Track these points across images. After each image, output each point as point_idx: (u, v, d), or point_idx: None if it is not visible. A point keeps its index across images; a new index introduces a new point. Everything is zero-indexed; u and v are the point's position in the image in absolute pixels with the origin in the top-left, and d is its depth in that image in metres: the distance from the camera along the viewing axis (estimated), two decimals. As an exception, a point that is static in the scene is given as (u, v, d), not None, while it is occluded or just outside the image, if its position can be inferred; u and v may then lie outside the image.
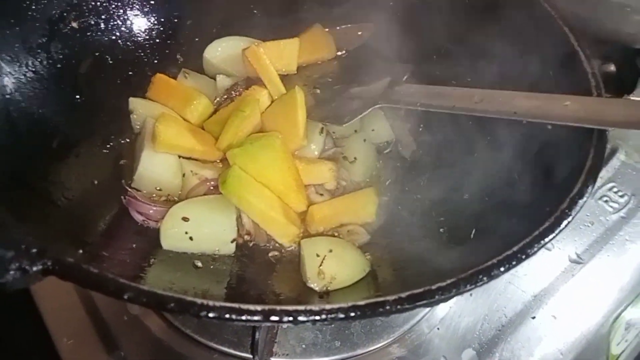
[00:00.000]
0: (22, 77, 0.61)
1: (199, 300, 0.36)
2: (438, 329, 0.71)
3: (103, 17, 0.73)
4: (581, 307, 0.76)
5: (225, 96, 0.76)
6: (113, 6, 0.75)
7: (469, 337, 0.71)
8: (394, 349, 0.68)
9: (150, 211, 0.63)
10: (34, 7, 0.63)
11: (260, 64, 0.76)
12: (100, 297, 0.70)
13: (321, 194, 0.71)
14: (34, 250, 0.36)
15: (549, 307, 0.75)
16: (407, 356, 0.68)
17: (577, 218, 0.83)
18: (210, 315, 0.36)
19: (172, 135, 0.67)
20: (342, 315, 0.36)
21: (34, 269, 0.36)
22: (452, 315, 0.72)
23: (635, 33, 0.92)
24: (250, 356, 0.61)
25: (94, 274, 0.36)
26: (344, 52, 0.87)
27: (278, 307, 0.36)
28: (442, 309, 0.73)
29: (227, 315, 0.35)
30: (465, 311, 0.73)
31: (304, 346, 0.66)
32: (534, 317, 0.73)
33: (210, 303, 0.36)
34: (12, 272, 0.35)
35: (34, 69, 0.62)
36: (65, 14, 0.68)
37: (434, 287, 0.39)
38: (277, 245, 0.66)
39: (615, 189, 0.89)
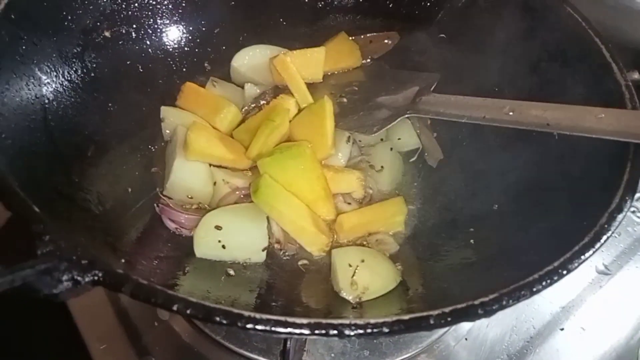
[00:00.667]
0: (59, 86, 0.62)
1: (246, 313, 0.36)
2: (466, 339, 0.71)
3: (134, 26, 0.75)
4: (610, 319, 0.75)
5: (254, 105, 0.77)
6: (144, 16, 0.76)
7: (497, 349, 0.70)
8: (422, 358, 0.68)
9: (182, 219, 0.63)
10: (69, 17, 0.65)
11: (288, 73, 0.76)
12: (130, 302, 0.71)
13: (349, 203, 0.71)
14: (85, 261, 0.37)
15: (577, 318, 0.74)
16: (435, 366, 0.68)
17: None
18: (258, 328, 0.36)
19: (204, 144, 0.67)
20: (386, 330, 0.36)
21: (86, 279, 0.36)
22: (479, 326, 0.72)
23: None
24: (280, 364, 0.61)
25: (143, 285, 0.37)
26: (369, 60, 0.87)
27: (324, 321, 0.37)
28: (469, 320, 0.72)
29: (274, 328, 0.36)
30: (493, 322, 0.73)
31: (332, 355, 0.66)
32: (562, 329, 0.73)
33: (257, 316, 0.36)
34: (64, 284, 0.35)
35: (69, 79, 0.63)
36: (98, 24, 0.69)
37: (476, 302, 0.39)
38: (306, 254, 0.66)
39: (643, 200, 0.88)
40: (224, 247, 0.60)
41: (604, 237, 0.45)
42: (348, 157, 0.75)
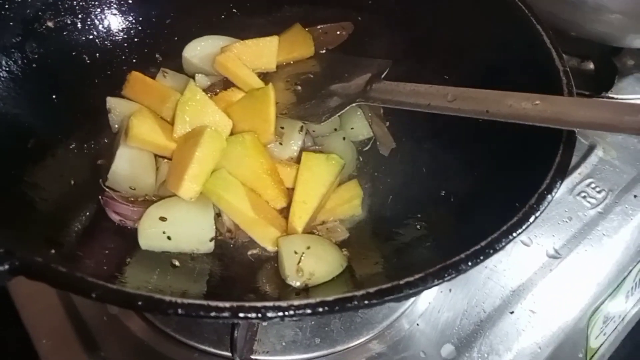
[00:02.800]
0: (-4, 77, 0.60)
1: (167, 298, 0.36)
2: (417, 324, 0.72)
3: (80, 16, 0.73)
4: (559, 302, 0.77)
5: (204, 95, 0.76)
6: (90, 5, 0.74)
7: (448, 332, 0.71)
8: (373, 345, 0.69)
9: (128, 212, 0.63)
10: (7, 6, 0.63)
11: (230, 72, 0.76)
12: (79, 297, 0.69)
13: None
14: (1, 250, 0.36)
15: (527, 301, 0.76)
16: (386, 352, 0.69)
17: (555, 214, 0.86)
18: (179, 312, 0.36)
19: (146, 131, 0.66)
20: (309, 311, 0.37)
21: (1, 268, 0.35)
22: (431, 310, 0.73)
23: (611, 32, 0.93)
24: (231, 354, 0.61)
25: (61, 272, 0.36)
26: (324, 51, 0.87)
27: (247, 304, 0.36)
28: (422, 305, 0.73)
29: (195, 312, 0.36)
30: (445, 307, 0.74)
31: (284, 343, 0.66)
32: (512, 312, 0.74)
33: (179, 300, 0.36)
34: (-22, 272, 0.34)
35: (7, 69, 0.62)
36: (40, 13, 0.67)
37: (402, 282, 0.39)
38: (256, 243, 0.66)
39: (593, 185, 0.91)
40: (169, 238, 0.60)
41: (533, 217, 0.46)
42: (301, 146, 0.75)
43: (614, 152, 0.95)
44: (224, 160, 0.63)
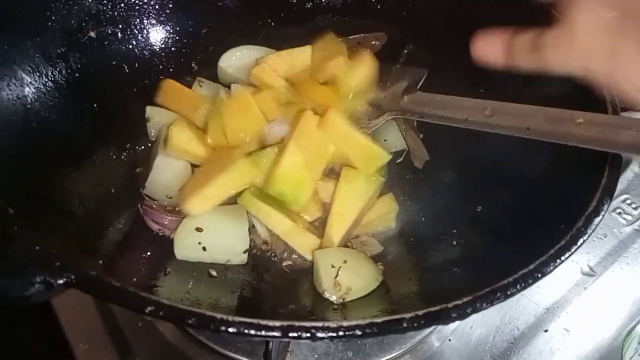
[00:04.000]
0: (42, 87, 0.62)
1: (218, 316, 0.36)
2: (450, 340, 0.71)
3: (120, 26, 0.74)
4: (594, 321, 0.76)
5: (240, 105, 0.77)
6: (130, 16, 0.76)
7: (480, 350, 0.70)
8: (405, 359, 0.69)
9: (166, 221, 0.63)
10: (53, 17, 0.64)
11: (266, 85, 0.76)
12: (114, 303, 0.70)
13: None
14: (57, 263, 0.37)
15: (561, 320, 0.75)
16: (418, 367, 0.69)
17: (590, 230, 0.84)
18: (230, 330, 0.36)
19: (184, 140, 0.67)
20: (359, 333, 0.37)
21: (58, 282, 0.36)
22: (463, 327, 0.72)
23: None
24: (263, 365, 0.61)
25: (116, 287, 0.37)
26: (357, 60, 0.87)
27: (296, 323, 0.37)
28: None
29: (246, 331, 0.36)
30: (477, 323, 0.73)
31: (316, 356, 0.66)
32: (546, 330, 0.73)
33: (230, 318, 0.36)
34: (36, 286, 0.35)
35: (53, 79, 0.63)
36: (83, 24, 0.69)
37: (450, 306, 0.39)
38: (292, 255, 0.66)
39: (628, 201, 0.89)
40: (204, 249, 0.60)
41: (581, 241, 0.45)
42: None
43: (650, 168, 0.93)
44: (258, 171, 0.64)
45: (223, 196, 0.63)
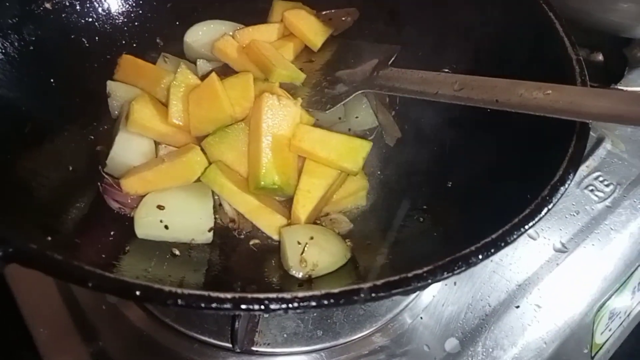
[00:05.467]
0: (-8, 59, 0.59)
1: (166, 288, 0.34)
2: (421, 318, 0.70)
3: (79, -2, 0.71)
4: (565, 297, 0.76)
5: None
6: (89, -13, 0.73)
7: (452, 326, 0.70)
8: (376, 338, 0.68)
9: (127, 199, 0.61)
10: (3, -14, 0.61)
11: (229, 58, 0.75)
12: (77, 286, 0.68)
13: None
14: (-6, 236, 0.35)
15: (533, 296, 0.75)
16: (390, 345, 0.68)
17: (562, 207, 0.84)
18: (179, 303, 0.34)
19: (146, 116, 0.65)
20: (314, 303, 0.35)
21: (-6, 255, 0.34)
22: (435, 304, 0.72)
23: (623, 22, 0.91)
24: (231, 346, 0.60)
25: (57, 260, 0.35)
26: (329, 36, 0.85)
27: (249, 295, 0.35)
28: (426, 298, 0.72)
29: (196, 303, 0.34)
30: (449, 300, 0.72)
31: (285, 335, 0.65)
32: (518, 307, 0.73)
33: (179, 291, 0.34)
34: (-30, 259, 0.33)
35: (4, 51, 0.60)
36: (38, -6, 0.66)
37: (410, 275, 0.38)
38: (259, 233, 0.65)
39: (601, 178, 0.89)
40: (166, 227, 0.59)
41: (545, 209, 0.44)
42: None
43: (622, 145, 0.94)
44: (229, 150, 0.62)
45: (162, 185, 0.61)
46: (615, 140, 0.94)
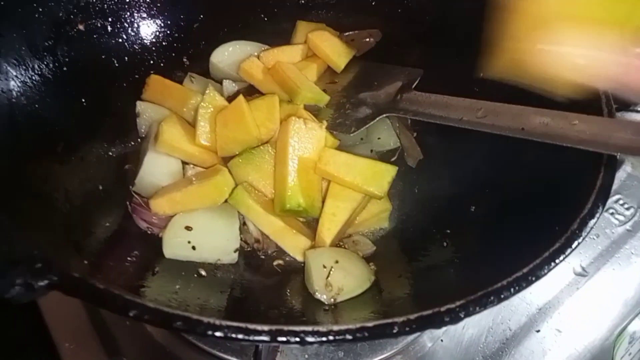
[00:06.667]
0: (28, 80, 0.60)
1: (205, 319, 0.35)
2: (442, 340, 0.71)
3: (110, 19, 0.73)
4: (586, 321, 0.76)
5: (231, 102, 0.76)
6: (120, 9, 0.74)
7: (472, 350, 0.70)
8: (397, 360, 0.68)
9: (155, 219, 0.62)
10: (40, 9, 0.63)
11: (255, 79, 0.76)
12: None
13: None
14: (39, 265, 0.36)
15: (553, 320, 0.74)
16: (410, 368, 0.68)
17: (582, 230, 0.84)
18: (217, 334, 0.35)
19: (175, 137, 0.66)
20: (350, 337, 0.36)
21: (40, 284, 0.35)
22: (456, 327, 0.72)
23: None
24: (253, 365, 0.61)
25: (100, 290, 0.36)
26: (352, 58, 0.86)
27: (285, 328, 0.36)
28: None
29: (234, 335, 0.35)
30: (470, 323, 0.72)
31: (306, 356, 0.66)
32: (538, 331, 0.73)
33: (217, 322, 0.35)
34: (17, 288, 0.34)
35: (39, 72, 0.61)
36: (72, 17, 0.67)
37: (442, 310, 0.38)
38: (282, 254, 0.65)
39: (621, 202, 0.89)
40: (194, 248, 0.59)
41: (575, 243, 0.44)
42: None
43: (643, 168, 0.93)
44: (254, 171, 0.63)
45: (191, 206, 0.62)
46: (635, 163, 0.93)
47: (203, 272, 0.60)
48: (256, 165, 0.65)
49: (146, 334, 0.68)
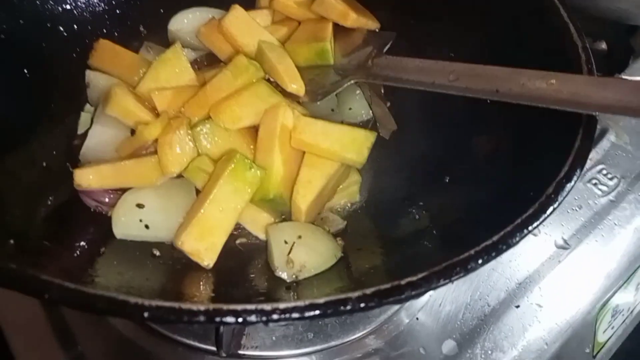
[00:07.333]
0: (-42, 47, 0.55)
1: (132, 300, 0.31)
2: (417, 318, 0.67)
3: (55, -17, 0.67)
4: (567, 295, 0.73)
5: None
6: (66, -28, 0.69)
7: (449, 327, 0.67)
8: (370, 340, 0.65)
9: (106, 198, 0.58)
10: (-28, -30, 0.57)
11: (215, 45, 0.71)
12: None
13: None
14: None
15: (534, 295, 0.72)
16: (384, 348, 0.65)
17: (564, 202, 0.81)
18: (146, 315, 0.31)
19: (129, 100, 0.61)
20: (296, 315, 0.32)
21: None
22: (432, 304, 0.69)
23: (629, 9, 0.87)
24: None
25: (10, 270, 0.31)
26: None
27: (224, 307, 0.32)
28: (422, 298, 0.69)
29: (165, 316, 0.31)
30: (447, 300, 0.69)
31: (274, 338, 0.62)
32: (518, 306, 0.70)
33: (146, 302, 0.31)
34: None
35: (-29, 39, 0.56)
36: (9, -21, 0.62)
37: (403, 282, 0.35)
38: (245, 232, 0.62)
39: (604, 172, 0.86)
40: (147, 227, 0.55)
41: (551, 208, 0.41)
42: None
43: (626, 137, 0.90)
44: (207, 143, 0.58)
45: (123, 183, 0.57)
46: (619, 132, 0.90)
47: (158, 253, 0.56)
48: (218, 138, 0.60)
49: (104, 321, 0.64)
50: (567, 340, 0.70)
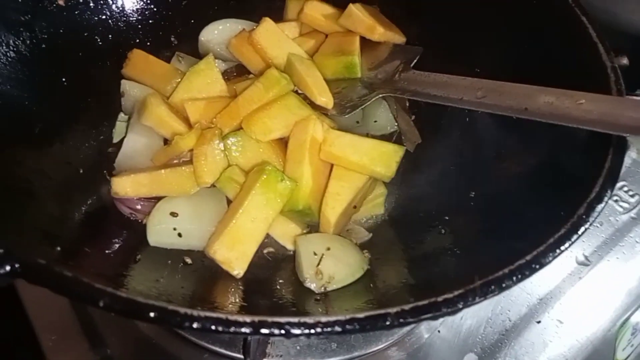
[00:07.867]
0: (3, 57, 0.57)
1: (182, 310, 0.32)
2: (439, 331, 0.68)
3: (92, -5, 0.69)
4: (588, 311, 0.73)
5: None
6: (103, -17, 0.70)
7: (470, 341, 0.68)
8: (392, 352, 0.66)
9: (139, 205, 0.59)
10: (16, -18, 0.59)
11: (245, 57, 0.72)
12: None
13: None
14: (0, 250, 0.33)
15: (554, 311, 0.72)
16: (406, 360, 0.66)
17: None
18: (195, 326, 0.32)
19: (163, 110, 0.62)
20: (339, 329, 0.33)
21: (1, 271, 0.32)
22: (453, 317, 0.69)
23: (652, 23, 0.87)
24: (242, 357, 0.58)
25: (66, 278, 0.33)
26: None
27: (269, 319, 0.33)
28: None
29: (213, 327, 0.32)
30: (468, 314, 0.70)
31: (298, 347, 0.63)
32: (539, 322, 0.71)
33: (195, 313, 0.32)
34: (-25, 276, 0.31)
35: (15, 49, 0.58)
36: (50, -10, 0.64)
37: (440, 300, 0.35)
38: (273, 241, 0.63)
39: (625, 188, 0.86)
40: (179, 235, 0.56)
41: (582, 229, 0.41)
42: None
43: (648, 154, 0.90)
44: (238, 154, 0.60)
45: (158, 192, 0.58)
46: (640, 149, 0.91)
47: (189, 261, 0.57)
48: (248, 149, 0.62)
49: (132, 325, 0.66)
50: (587, 357, 0.71)
